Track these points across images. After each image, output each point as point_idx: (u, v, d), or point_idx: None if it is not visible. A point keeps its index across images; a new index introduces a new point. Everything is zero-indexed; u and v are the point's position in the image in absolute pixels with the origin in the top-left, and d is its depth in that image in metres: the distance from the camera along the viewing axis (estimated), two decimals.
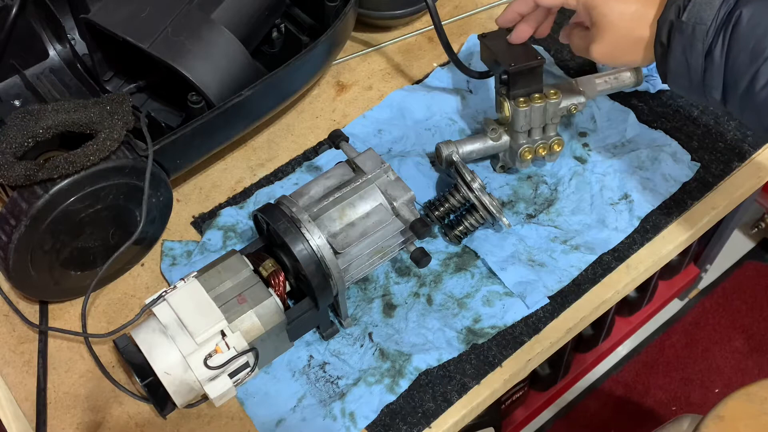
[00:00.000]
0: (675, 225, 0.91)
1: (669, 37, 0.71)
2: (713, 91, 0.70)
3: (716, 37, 0.68)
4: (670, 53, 0.71)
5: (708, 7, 0.68)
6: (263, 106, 0.90)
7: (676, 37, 0.70)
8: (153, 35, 0.82)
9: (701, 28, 0.68)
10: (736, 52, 0.67)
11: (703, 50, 0.69)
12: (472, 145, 0.89)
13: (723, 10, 0.67)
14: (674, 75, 0.72)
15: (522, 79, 0.85)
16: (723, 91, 0.70)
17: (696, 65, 0.70)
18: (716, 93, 0.70)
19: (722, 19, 0.67)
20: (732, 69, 0.68)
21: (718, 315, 1.82)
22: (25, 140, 0.73)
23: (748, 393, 0.98)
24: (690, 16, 0.68)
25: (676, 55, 0.70)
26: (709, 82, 0.70)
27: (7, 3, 0.87)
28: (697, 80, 0.71)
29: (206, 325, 0.71)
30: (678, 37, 0.70)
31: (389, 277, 0.86)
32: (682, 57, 0.70)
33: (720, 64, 0.68)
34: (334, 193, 0.77)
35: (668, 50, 0.71)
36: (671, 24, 0.70)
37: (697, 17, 0.68)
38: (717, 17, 0.67)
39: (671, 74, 0.72)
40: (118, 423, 0.78)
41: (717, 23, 0.67)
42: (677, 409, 1.70)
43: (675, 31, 0.70)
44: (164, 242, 0.88)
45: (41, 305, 0.84)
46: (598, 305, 0.86)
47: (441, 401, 0.79)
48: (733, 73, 0.68)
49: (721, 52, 0.68)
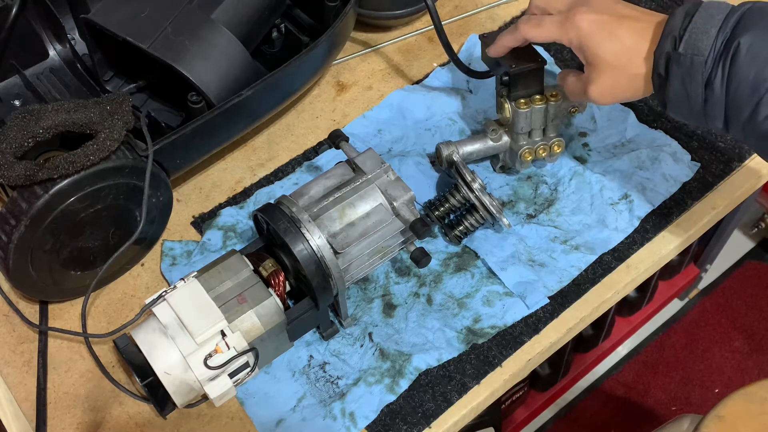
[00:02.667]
0: (675, 225, 0.91)
1: (667, 68, 0.69)
2: (715, 120, 0.69)
3: (715, 67, 0.66)
4: (668, 85, 0.70)
5: (705, 37, 0.66)
6: (263, 106, 0.90)
7: (674, 68, 0.68)
8: (153, 35, 0.82)
9: (699, 59, 0.66)
10: (736, 83, 0.66)
11: (703, 81, 0.67)
12: (473, 146, 0.89)
13: (720, 40, 0.66)
14: (674, 105, 0.71)
15: (523, 81, 0.85)
16: (725, 120, 0.69)
17: (696, 95, 0.68)
18: (718, 122, 0.69)
19: (720, 49, 0.66)
20: (733, 100, 0.66)
21: (718, 315, 1.82)
22: (25, 140, 0.73)
23: (748, 393, 0.98)
24: (687, 48, 0.67)
25: (675, 86, 0.69)
26: (710, 112, 0.69)
27: (7, 3, 0.87)
28: (698, 109, 0.69)
29: (206, 325, 0.71)
30: (676, 69, 0.68)
31: (389, 277, 0.86)
32: (682, 88, 0.69)
33: (721, 95, 0.67)
34: (334, 193, 0.77)
35: (667, 82, 0.70)
36: (668, 56, 0.69)
37: (694, 48, 0.67)
38: (714, 47, 0.66)
39: (671, 104, 0.71)
40: (118, 423, 0.78)
41: (715, 53, 0.66)
42: (677, 409, 1.70)
43: (672, 62, 0.68)
44: (164, 242, 0.88)
45: (41, 305, 0.84)
46: (598, 305, 0.86)
47: (441, 401, 0.79)
48: (734, 104, 0.67)
49: (722, 83, 0.66)
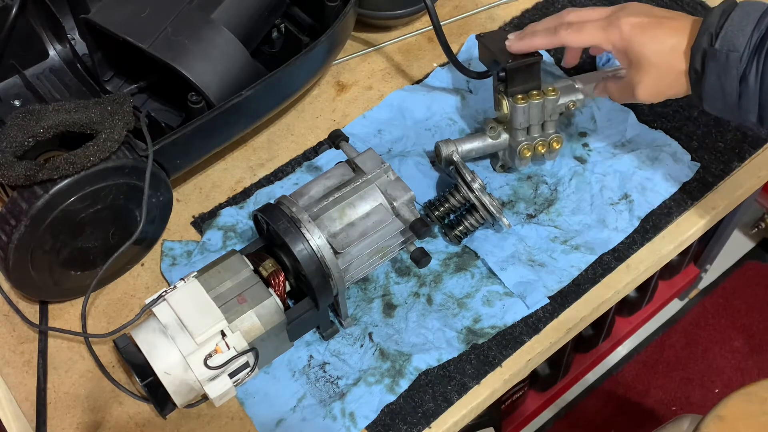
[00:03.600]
0: (675, 225, 0.91)
1: (703, 64, 0.72)
2: (749, 114, 0.72)
3: (750, 63, 0.69)
4: (704, 79, 0.72)
5: (740, 34, 0.69)
6: (263, 106, 0.90)
7: (710, 64, 0.71)
8: (153, 35, 0.82)
9: (734, 54, 0.69)
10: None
11: (738, 76, 0.70)
12: (471, 144, 0.89)
13: (755, 36, 0.69)
14: (709, 99, 0.73)
15: (519, 76, 0.85)
16: (759, 114, 0.71)
17: (731, 90, 0.71)
18: (752, 116, 0.72)
19: (755, 45, 0.69)
20: (767, 93, 0.69)
21: (718, 315, 1.82)
22: (25, 139, 0.73)
23: (748, 393, 0.98)
24: (723, 44, 0.70)
25: (711, 81, 0.72)
26: (744, 106, 0.71)
27: (7, 3, 0.87)
28: (733, 104, 0.72)
29: (206, 325, 0.71)
30: (712, 64, 0.71)
31: (389, 277, 0.86)
32: (717, 83, 0.71)
33: (755, 88, 0.70)
34: (334, 193, 0.77)
35: (702, 76, 0.72)
36: (704, 52, 0.71)
37: (730, 44, 0.70)
38: (750, 43, 0.69)
39: (706, 98, 0.74)
40: (118, 423, 0.78)
41: (750, 49, 0.69)
42: (677, 409, 1.70)
43: (709, 58, 0.71)
44: (164, 242, 0.88)
45: (41, 305, 0.84)
46: (598, 305, 0.86)
47: (441, 401, 0.79)
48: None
49: (756, 78, 0.69)
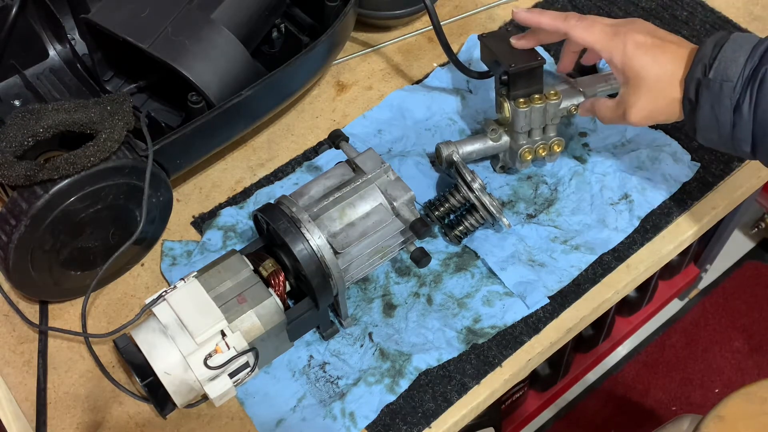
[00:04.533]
0: (675, 225, 0.91)
1: (697, 94, 0.73)
2: (742, 143, 0.72)
3: (743, 93, 0.70)
4: (698, 109, 0.73)
5: (733, 65, 0.70)
6: (263, 106, 0.90)
7: (704, 93, 0.72)
8: (153, 35, 0.82)
9: (728, 84, 0.70)
10: (764, 107, 0.69)
11: (731, 106, 0.71)
12: (472, 146, 0.89)
13: (749, 67, 0.70)
14: (703, 129, 0.74)
15: (522, 80, 0.85)
16: (752, 144, 0.72)
17: (725, 120, 0.72)
18: (746, 146, 0.73)
19: (748, 76, 0.70)
20: (761, 123, 0.70)
21: (718, 315, 1.82)
22: (25, 139, 0.73)
23: (748, 393, 0.98)
24: (717, 74, 0.71)
25: (705, 111, 0.72)
26: (738, 136, 0.72)
27: (7, 3, 0.87)
28: (726, 134, 0.73)
29: (206, 325, 0.71)
30: (706, 94, 0.72)
31: (389, 277, 0.86)
32: (711, 113, 0.72)
33: (749, 119, 0.70)
34: (334, 193, 0.77)
35: (697, 106, 0.73)
36: (698, 82, 0.72)
37: (723, 74, 0.70)
38: (743, 74, 0.70)
39: (700, 129, 0.74)
40: (118, 423, 0.78)
41: (743, 80, 0.70)
42: (677, 409, 1.70)
43: (703, 88, 0.72)
44: (164, 242, 0.88)
45: (41, 305, 0.84)
46: (598, 305, 0.86)
47: (441, 401, 0.79)
48: (761, 127, 0.70)
49: (749, 107, 0.70)
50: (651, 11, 1.09)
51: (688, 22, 1.08)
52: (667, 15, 1.09)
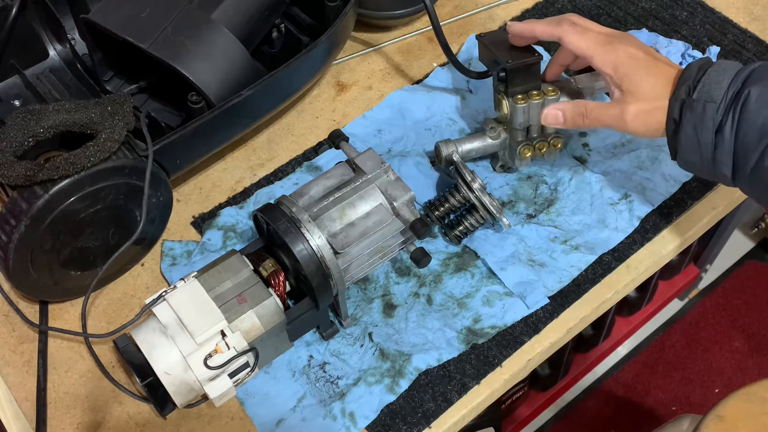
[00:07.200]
0: (675, 225, 0.91)
1: (680, 114, 0.73)
2: (723, 167, 0.73)
3: (726, 114, 0.71)
4: (681, 130, 0.74)
5: (717, 87, 0.71)
6: (263, 106, 0.90)
7: (687, 114, 0.73)
8: (153, 35, 0.82)
9: (711, 106, 0.71)
10: (745, 130, 0.70)
11: (713, 127, 0.71)
12: (471, 144, 0.89)
13: (732, 90, 0.70)
14: (685, 151, 0.75)
15: (520, 76, 0.85)
16: (733, 167, 0.72)
17: (706, 141, 0.72)
18: (726, 169, 0.73)
19: (731, 98, 0.70)
20: (742, 146, 0.70)
21: (718, 315, 1.82)
22: (25, 139, 0.73)
23: (748, 393, 0.98)
24: (700, 95, 0.72)
25: (687, 131, 0.73)
26: (719, 158, 0.72)
27: (7, 3, 0.87)
28: (708, 156, 0.73)
29: (206, 325, 0.71)
30: (689, 115, 0.72)
31: (389, 277, 0.86)
32: (693, 133, 0.73)
33: (730, 140, 0.71)
34: (334, 193, 0.77)
35: (679, 126, 0.74)
36: (682, 102, 0.73)
37: (707, 96, 0.71)
38: (726, 96, 0.71)
39: (681, 150, 0.75)
40: (118, 423, 0.78)
41: (726, 102, 0.70)
42: (677, 409, 1.70)
43: (686, 108, 0.73)
44: (164, 242, 0.88)
45: (41, 305, 0.84)
46: (598, 305, 0.86)
47: (441, 401, 0.79)
48: (742, 150, 0.71)
49: (731, 130, 0.70)
50: (651, 11, 1.09)
51: (688, 22, 1.08)
52: (667, 15, 1.09)
